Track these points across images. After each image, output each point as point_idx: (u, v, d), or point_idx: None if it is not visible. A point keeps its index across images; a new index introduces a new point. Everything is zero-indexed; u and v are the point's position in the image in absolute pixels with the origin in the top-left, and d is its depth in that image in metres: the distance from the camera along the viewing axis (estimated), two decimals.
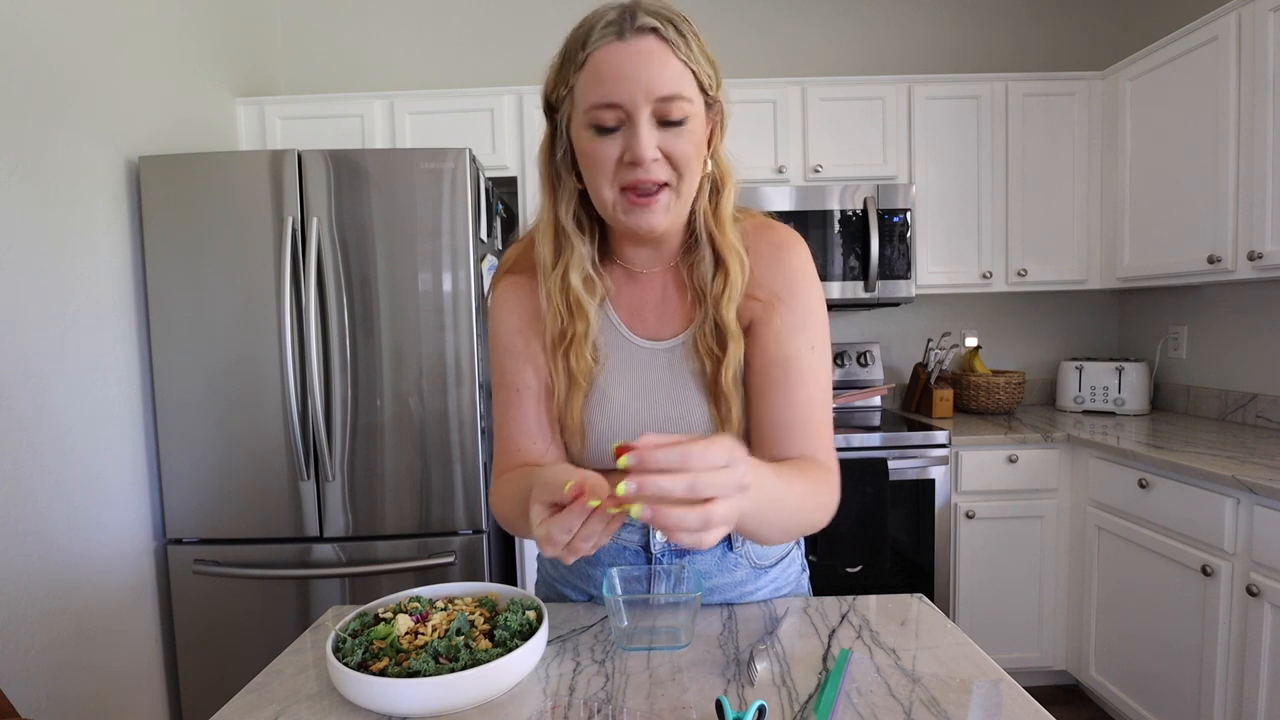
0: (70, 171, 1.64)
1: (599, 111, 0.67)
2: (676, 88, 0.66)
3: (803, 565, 0.97)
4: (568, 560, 0.60)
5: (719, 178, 0.77)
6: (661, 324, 0.82)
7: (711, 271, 0.77)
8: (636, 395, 0.80)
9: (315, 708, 0.67)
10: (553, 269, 0.77)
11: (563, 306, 0.77)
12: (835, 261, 2.30)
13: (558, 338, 0.78)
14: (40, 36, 1.56)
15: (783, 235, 0.82)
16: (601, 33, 0.66)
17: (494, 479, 0.84)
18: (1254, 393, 2.14)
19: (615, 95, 0.66)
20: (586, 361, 0.78)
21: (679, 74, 0.67)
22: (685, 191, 0.72)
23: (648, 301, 0.82)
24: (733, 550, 0.87)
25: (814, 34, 2.69)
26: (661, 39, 0.66)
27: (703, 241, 0.78)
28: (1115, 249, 2.33)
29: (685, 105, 0.67)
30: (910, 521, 2.11)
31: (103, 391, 1.71)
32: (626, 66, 0.65)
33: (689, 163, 0.70)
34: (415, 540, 1.86)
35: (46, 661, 1.52)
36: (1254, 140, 1.79)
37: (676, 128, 0.68)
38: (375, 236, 1.81)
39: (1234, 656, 1.58)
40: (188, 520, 1.85)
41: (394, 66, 2.66)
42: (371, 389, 1.84)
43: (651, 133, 0.67)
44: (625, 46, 0.65)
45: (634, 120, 0.67)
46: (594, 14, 0.68)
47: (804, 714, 0.64)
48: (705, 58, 0.69)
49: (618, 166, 0.69)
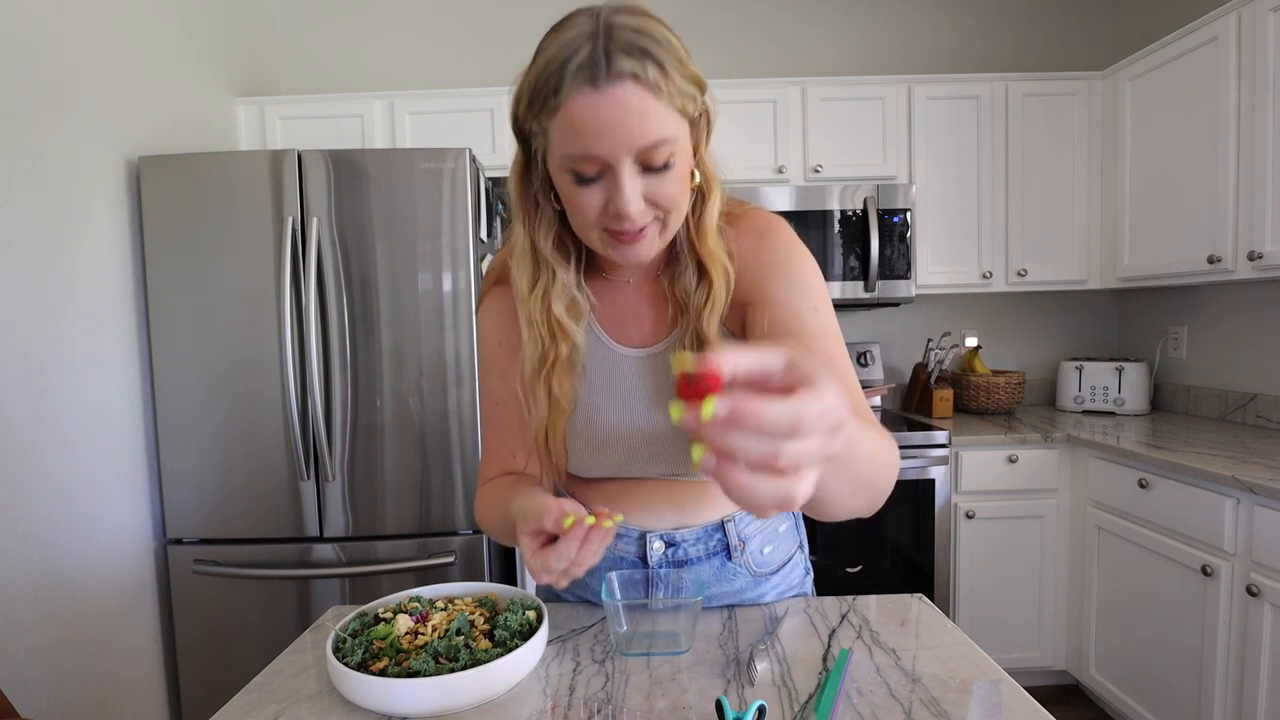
0: (70, 171, 1.64)
1: (577, 163, 0.62)
2: (660, 135, 0.60)
3: (806, 568, 0.95)
4: (562, 585, 0.61)
5: (705, 186, 0.72)
6: (644, 332, 0.79)
7: (694, 283, 0.74)
8: (618, 403, 0.78)
9: (315, 708, 0.67)
10: (529, 294, 0.73)
11: (544, 332, 0.73)
12: (835, 261, 2.30)
13: (538, 363, 0.74)
14: (40, 37, 1.56)
15: (763, 221, 0.77)
16: (574, 79, 0.58)
17: (479, 486, 0.84)
18: (1254, 393, 2.14)
19: (593, 149, 0.60)
20: (571, 385, 0.75)
21: (661, 119, 0.60)
22: (673, 223, 0.68)
23: (630, 311, 0.80)
24: (731, 560, 0.85)
25: (814, 34, 2.69)
26: (640, 84, 0.58)
27: (684, 253, 0.74)
28: (1115, 249, 2.33)
29: (670, 147, 0.61)
30: (910, 521, 2.11)
31: (103, 391, 1.71)
32: (604, 120, 0.58)
33: (677, 201, 0.66)
34: (415, 540, 1.86)
35: (46, 661, 1.52)
36: (1254, 140, 1.79)
37: (662, 172, 0.63)
38: (375, 236, 1.81)
39: (1234, 656, 1.58)
40: (188, 520, 1.85)
41: (394, 66, 2.66)
42: (371, 389, 1.84)
43: (635, 182, 0.62)
44: (601, 98, 0.58)
45: (615, 172, 0.61)
46: (564, 43, 0.59)
47: (804, 714, 0.64)
48: (688, 80, 0.62)
49: (601, 214, 0.64)
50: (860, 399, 0.69)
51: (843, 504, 0.61)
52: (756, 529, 0.86)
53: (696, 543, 0.83)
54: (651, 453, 0.78)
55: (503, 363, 0.80)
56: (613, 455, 0.78)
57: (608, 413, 0.77)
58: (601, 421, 0.77)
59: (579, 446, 0.78)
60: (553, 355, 0.74)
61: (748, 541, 0.85)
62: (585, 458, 0.79)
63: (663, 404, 0.75)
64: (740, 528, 0.85)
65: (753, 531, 0.86)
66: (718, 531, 0.84)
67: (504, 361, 0.80)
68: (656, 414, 0.76)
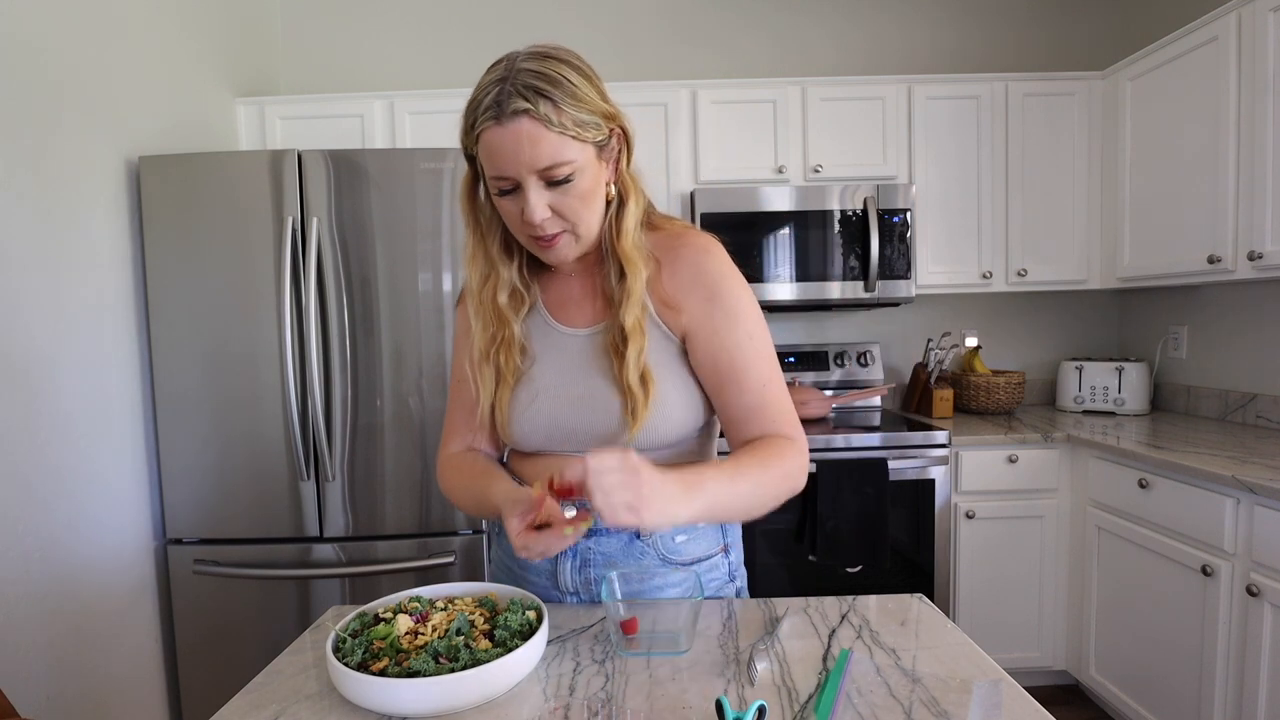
0: (70, 171, 1.64)
1: (496, 180, 0.77)
2: (554, 158, 0.73)
3: (732, 576, 0.96)
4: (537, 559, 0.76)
5: (623, 195, 0.84)
6: (584, 317, 0.91)
7: (615, 279, 0.86)
8: (557, 374, 0.88)
9: (315, 708, 0.67)
10: (480, 289, 0.87)
11: (493, 318, 0.87)
12: (835, 261, 2.30)
13: (488, 343, 0.87)
14: (40, 37, 1.56)
15: (701, 241, 0.88)
16: (484, 115, 0.73)
17: (440, 451, 0.97)
18: (1254, 393, 2.14)
19: (503, 169, 0.75)
20: (513, 361, 0.88)
21: (555, 145, 0.73)
22: (584, 231, 0.81)
23: (571, 297, 0.92)
24: (639, 539, 0.89)
25: (814, 34, 2.69)
26: (534, 119, 0.72)
27: (608, 254, 0.86)
28: (1115, 249, 2.33)
29: (566, 167, 0.74)
30: (910, 521, 2.11)
31: (102, 391, 1.71)
32: (507, 146, 0.73)
33: (579, 213, 0.78)
34: (415, 540, 1.86)
35: (46, 661, 1.52)
36: (1254, 140, 1.79)
37: (563, 185, 0.76)
38: (375, 236, 1.81)
39: (1234, 656, 1.58)
40: (188, 520, 1.85)
41: (394, 66, 2.66)
42: (371, 389, 1.84)
43: (541, 195, 0.76)
44: (503, 130, 0.72)
45: (523, 187, 0.75)
46: (483, 85, 0.74)
47: (804, 714, 0.64)
48: (587, 111, 0.75)
49: (520, 220, 0.78)
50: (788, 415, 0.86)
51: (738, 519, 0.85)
52: None
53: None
54: (580, 410, 0.87)
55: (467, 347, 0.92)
56: (547, 412, 0.87)
57: (548, 375, 0.89)
58: (542, 384, 0.88)
59: (519, 408, 0.88)
60: (500, 337, 0.87)
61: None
62: (524, 421, 0.88)
63: (589, 378, 0.87)
64: None
65: None
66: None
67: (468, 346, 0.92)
68: (583, 384, 0.87)
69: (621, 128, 0.80)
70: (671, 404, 0.85)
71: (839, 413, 2.51)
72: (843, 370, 2.60)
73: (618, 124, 0.80)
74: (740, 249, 2.26)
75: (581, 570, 0.89)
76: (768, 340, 0.88)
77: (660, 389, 0.84)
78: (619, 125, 0.80)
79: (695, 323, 0.86)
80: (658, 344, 0.86)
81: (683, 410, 0.86)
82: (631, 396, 0.82)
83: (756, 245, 2.29)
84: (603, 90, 0.78)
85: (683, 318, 0.86)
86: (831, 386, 2.60)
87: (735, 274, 0.88)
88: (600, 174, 0.80)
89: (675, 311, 0.86)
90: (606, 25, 2.66)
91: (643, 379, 0.83)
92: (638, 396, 0.82)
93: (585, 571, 0.89)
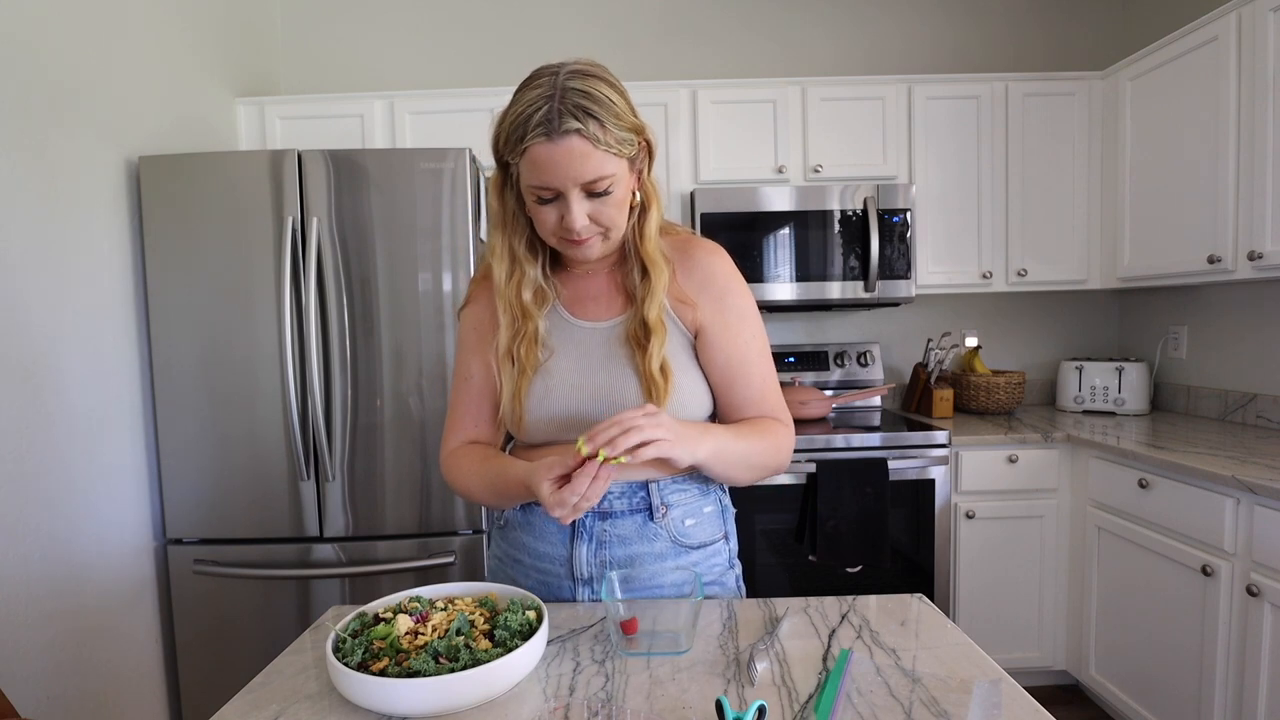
0: (71, 171, 1.64)
1: (538, 190, 0.82)
2: (599, 172, 0.80)
3: (731, 564, 1.01)
4: (568, 520, 0.77)
5: (645, 202, 0.91)
6: (600, 312, 0.96)
7: (638, 277, 0.92)
8: (575, 365, 0.93)
9: (315, 708, 0.67)
10: (506, 285, 0.92)
11: (519, 313, 0.93)
12: (835, 261, 2.30)
13: (512, 337, 0.92)
14: (40, 37, 1.56)
15: (710, 245, 0.97)
16: (534, 131, 0.78)
17: (444, 447, 1.00)
18: (1254, 393, 2.14)
19: (549, 182, 0.80)
20: (535, 354, 0.93)
21: (600, 161, 0.79)
22: (614, 235, 0.87)
23: (590, 295, 0.97)
24: (654, 520, 0.92)
25: (814, 34, 2.69)
26: (584, 137, 0.77)
27: (631, 254, 0.93)
28: (1115, 249, 2.33)
29: (607, 180, 0.81)
30: (910, 521, 2.11)
31: (102, 391, 1.71)
32: (556, 162, 0.78)
33: (614, 219, 0.85)
34: (415, 540, 1.86)
35: (46, 661, 1.52)
36: (1254, 140, 1.79)
37: (603, 197, 0.82)
38: (375, 236, 1.81)
39: (1234, 656, 1.58)
40: (188, 520, 1.85)
41: (394, 66, 2.66)
42: (371, 389, 1.84)
43: (581, 204, 0.82)
44: (554, 147, 0.78)
45: (566, 198, 0.81)
46: (529, 101, 0.78)
47: (804, 714, 0.64)
48: (625, 129, 0.81)
49: (557, 225, 0.84)
50: (780, 403, 0.97)
51: (734, 474, 0.91)
52: (678, 499, 0.94)
53: (621, 497, 0.92)
54: (600, 398, 0.92)
55: (477, 345, 0.97)
56: (564, 401, 0.92)
57: (566, 369, 0.93)
58: (560, 375, 0.92)
59: (535, 398, 0.92)
60: (523, 332, 0.92)
61: (670, 508, 0.93)
62: (541, 409, 0.92)
63: (609, 367, 0.92)
64: (663, 493, 0.93)
65: (675, 501, 0.94)
66: (641, 490, 0.92)
67: (478, 344, 0.97)
68: (604, 374, 0.92)
69: (647, 140, 0.86)
70: (687, 393, 0.92)
71: (839, 413, 2.51)
72: (843, 370, 2.60)
73: (644, 136, 0.86)
74: (740, 249, 2.27)
75: (598, 552, 0.92)
76: (765, 339, 0.97)
77: (677, 378, 0.90)
78: (645, 138, 0.86)
79: (708, 320, 0.93)
80: (673, 338, 0.93)
81: (695, 399, 0.93)
82: (654, 385, 0.88)
83: (757, 245, 2.29)
84: (633, 105, 0.84)
85: (696, 314, 0.94)
86: (831, 386, 2.60)
87: (740, 277, 0.97)
88: (630, 183, 0.87)
89: (689, 308, 0.93)
90: (606, 25, 2.66)
91: (663, 369, 0.89)
92: (659, 384, 0.88)
93: (601, 553, 0.92)
